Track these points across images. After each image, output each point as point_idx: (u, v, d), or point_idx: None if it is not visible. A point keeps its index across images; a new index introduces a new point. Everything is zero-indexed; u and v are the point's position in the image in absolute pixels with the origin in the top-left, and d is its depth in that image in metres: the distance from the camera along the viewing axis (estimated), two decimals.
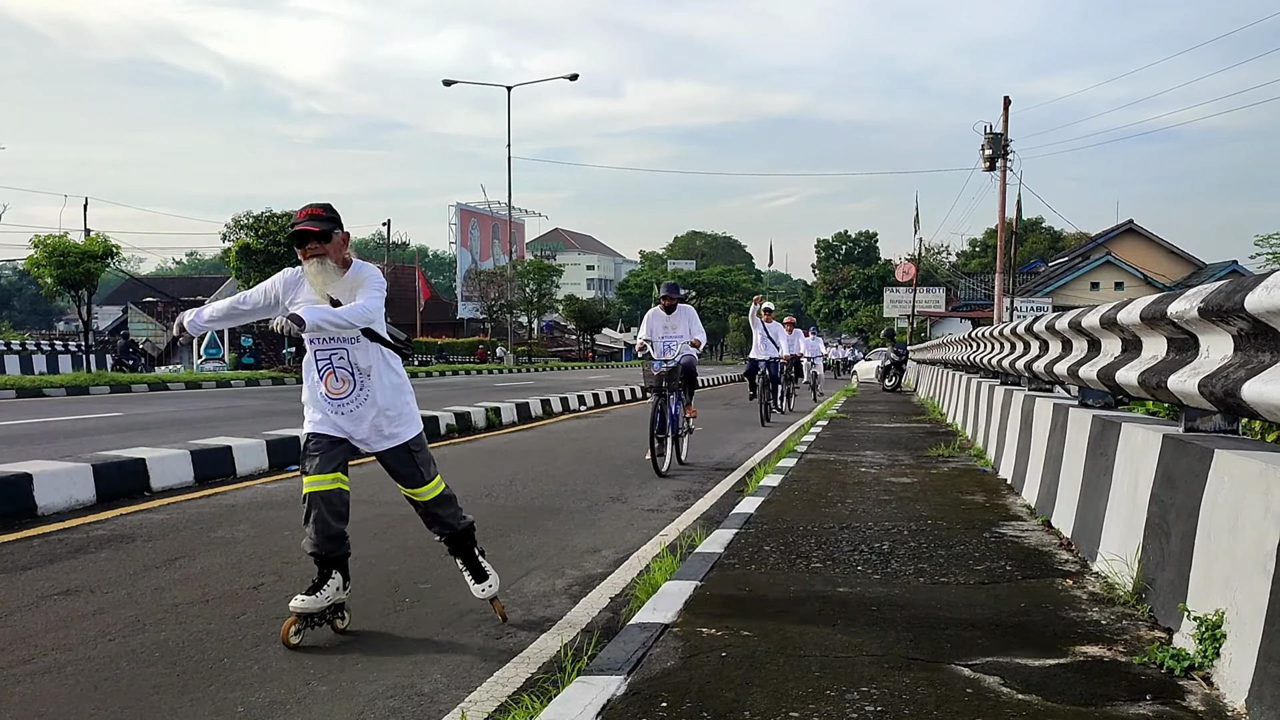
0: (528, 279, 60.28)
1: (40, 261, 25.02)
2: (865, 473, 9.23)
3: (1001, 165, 32.74)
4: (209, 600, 4.88)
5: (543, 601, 5.02)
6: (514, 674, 3.87)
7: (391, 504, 7.76)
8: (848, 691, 3.29)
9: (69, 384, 22.44)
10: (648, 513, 7.70)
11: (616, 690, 3.28)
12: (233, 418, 14.97)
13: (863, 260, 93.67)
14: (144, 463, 8.16)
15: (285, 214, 34.48)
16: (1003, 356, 10.04)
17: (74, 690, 3.62)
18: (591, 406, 20.42)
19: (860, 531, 6.24)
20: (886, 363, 30.64)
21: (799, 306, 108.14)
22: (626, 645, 3.78)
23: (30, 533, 6.43)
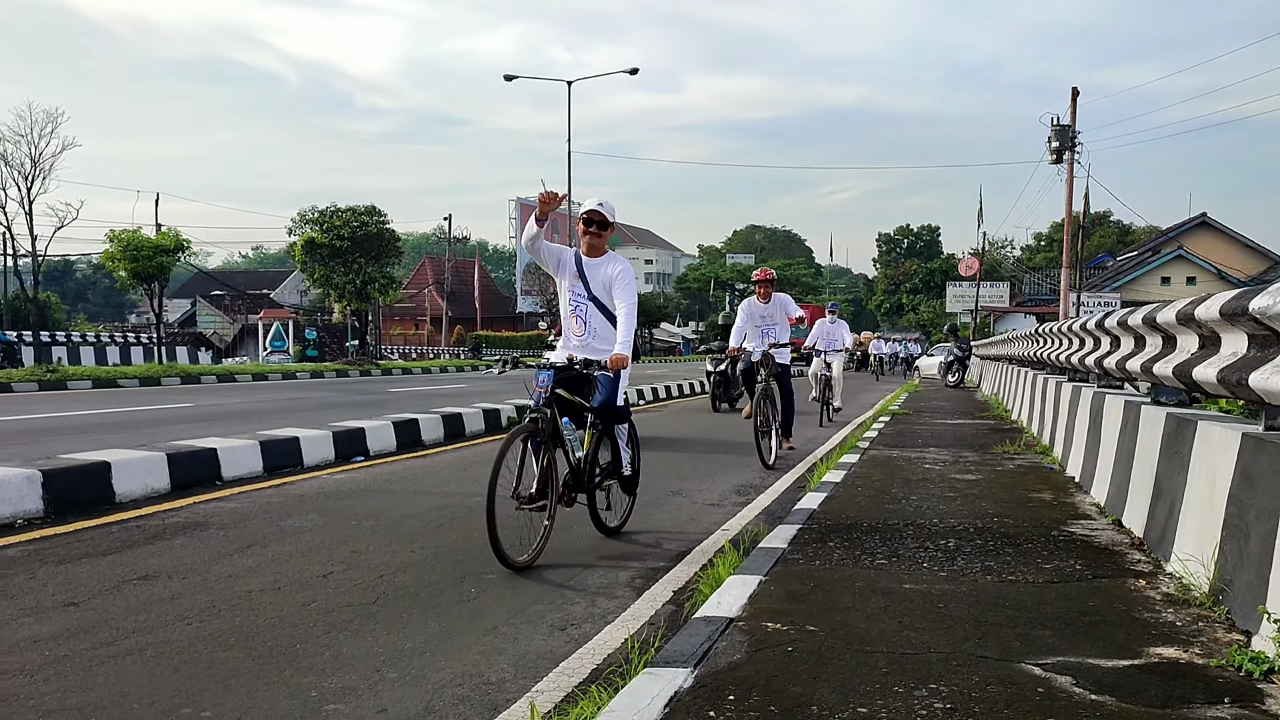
0: None
1: (115, 255, 25.64)
2: (929, 469, 9.13)
3: (1069, 157, 32.13)
4: (280, 588, 4.98)
5: (606, 593, 5.04)
6: (579, 665, 3.89)
7: (455, 495, 7.87)
8: (916, 688, 3.26)
9: (142, 375, 23.01)
10: (709, 507, 7.70)
11: (683, 683, 3.29)
12: (298, 409, 15.24)
13: (925, 254, 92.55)
14: (215, 453, 8.35)
15: (349, 209, 34.96)
16: (1071, 352, 9.87)
17: (155, 672, 3.73)
18: (650, 401, 20.44)
19: (925, 528, 6.18)
20: (949, 358, 30.29)
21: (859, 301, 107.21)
22: (692, 638, 3.79)
23: (109, 519, 6.61)
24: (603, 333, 6.08)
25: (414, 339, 65.40)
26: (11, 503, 6.40)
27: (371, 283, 34.76)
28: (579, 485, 5.88)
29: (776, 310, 10.63)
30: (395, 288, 37.80)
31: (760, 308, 10.61)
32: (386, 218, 35.60)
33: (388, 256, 35.81)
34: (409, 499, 7.71)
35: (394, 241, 36.09)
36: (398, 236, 36.63)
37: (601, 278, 6.02)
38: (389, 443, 10.72)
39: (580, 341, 6.11)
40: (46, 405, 15.64)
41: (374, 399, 17.91)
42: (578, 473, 5.81)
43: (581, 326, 6.12)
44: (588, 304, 6.08)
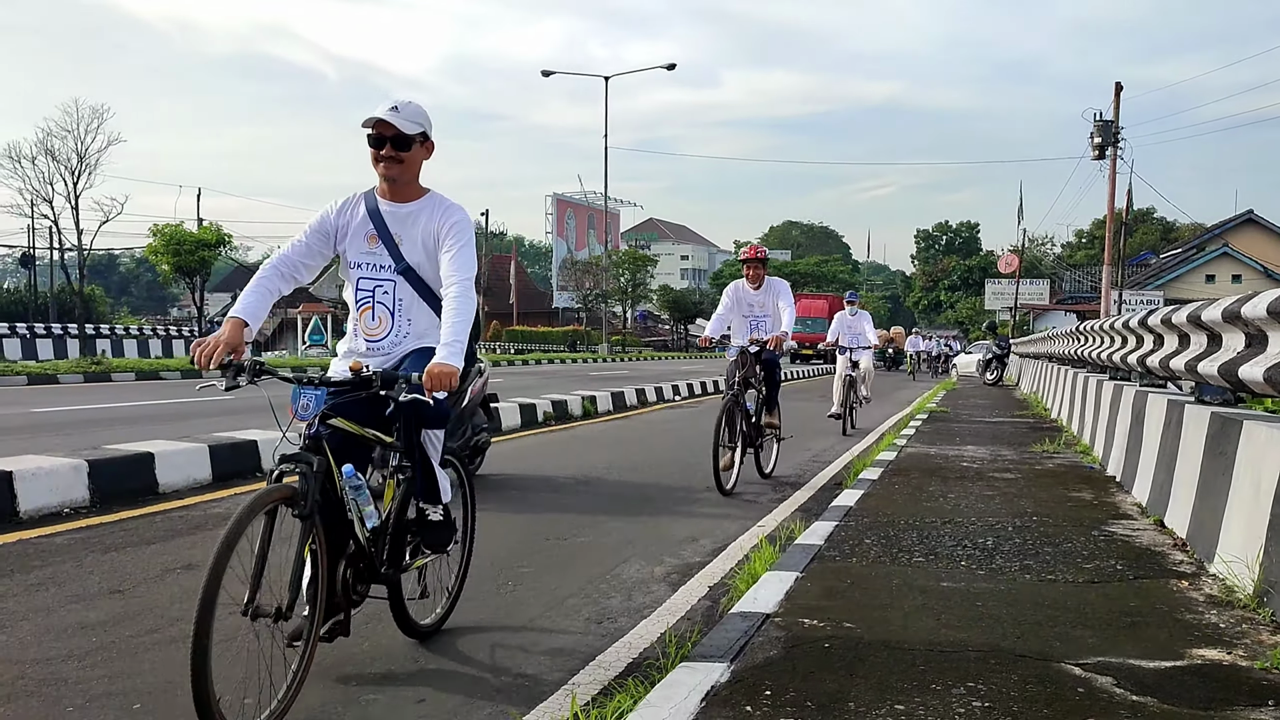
0: (622, 269, 60.59)
1: (158, 249, 26.05)
2: (967, 467, 9.07)
3: (1111, 153, 31.73)
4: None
5: (641, 588, 5.06)
6: (615, 658, 3.91)
7: (492, 488, 7.91)
8: (954, 686, 3.25)
9: (184, 368, 23.32)
10: (745, 503, 7.69)
11: (720, 677, 3.29)
12: None
13: (963, 251, 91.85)
14: (256, 445, 8.45)
15: None
16: (1112, 350, 9.75)
17: None
18: (686, 396, 20.43)
19: (963, 526, 6.13)
20: (988, 356, 30.04)
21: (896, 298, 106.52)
22: (728, 633, 3.80)
23: (153, 509, 6.71)
24: (421, 326, 3.78)
25: None
26: (59, 492, 6.51)
27: None
28: (372, 573, 3.68)
29: (769, 298, 8.75)
30: None
31: (749, 293, 8.80)
32: None
33: None
34: None
35: None
36: None
37: (419, 233, 3.73)
38: None
39: (375, 344, 3.80)
40: (92, 396, 15.90)
41: None
42: (367, 553, 3.61)
43: (380, 318, 3.79)
44: (395, 280, 3.77)
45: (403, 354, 3.77)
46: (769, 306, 8.71)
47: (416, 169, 3.79)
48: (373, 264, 3.78)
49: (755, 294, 8.77)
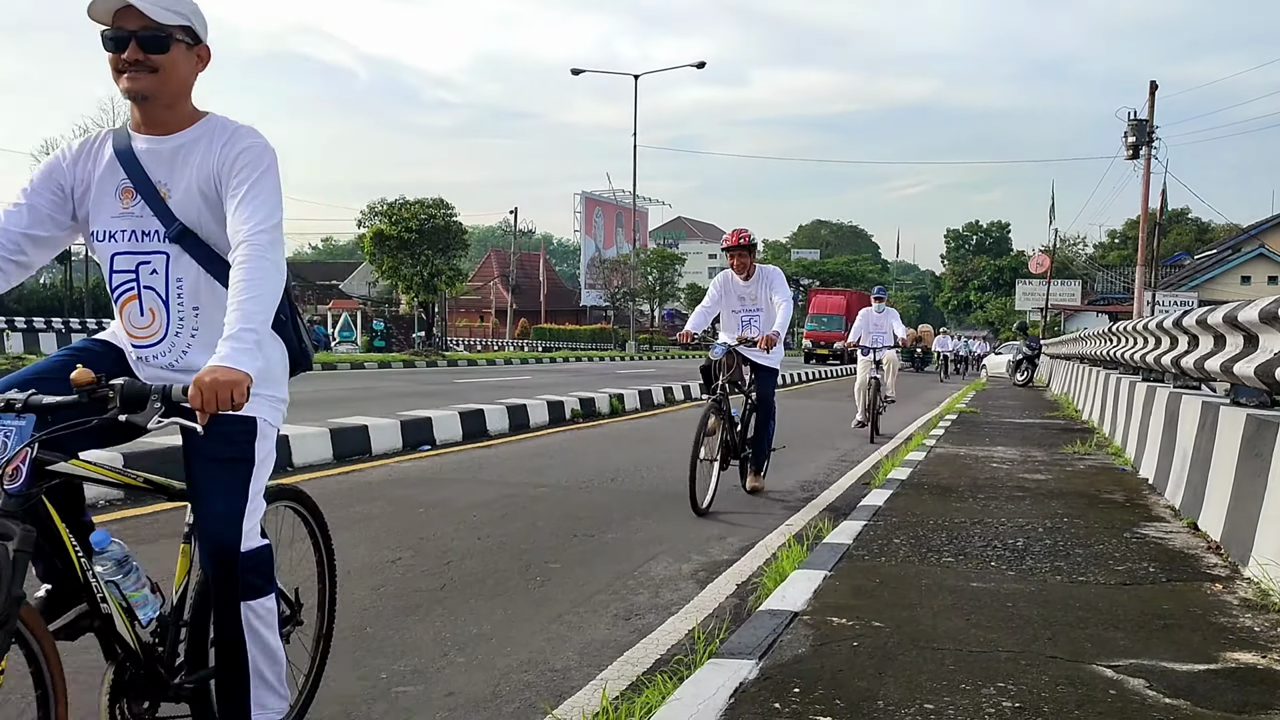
0: (650, 267, 60.60)
1: None
2: (997, 468, 9.01)
3: (1146, 153, 31.39)
4: (350, 572, 5.07)
5: (669, 585, 5.06)
6: (643, 654, 3.92)
7: (520, 485, 7.95)
8: (984, 686, 3.23)
9: None
10: (772, 502, 7.68)
11: (748, 674, 3.29)
12: (367, 398, 15.48)
13: (994, 251, 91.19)
14: (287, 439, 8.52)
15: (417, 201, 35.42)
16: (1146, 351, 9.66)
17: None
18: None
19: (993, 527, 6.10)
20: (1018, 357, 29.82)
21: (926, 298, 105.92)
22: (757, 631, 3.80)
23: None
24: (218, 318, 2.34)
25: (479, 331, 66.04)
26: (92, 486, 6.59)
27: (439, 275, 35.20)
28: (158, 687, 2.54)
29: (760, 290, 7.67)
30: (462, 280, 38.24)
31: (738, 284, 7.72)
32: (454, 210, 36.03)
33: (455, 249, 36.24)
34: (475, 488, 7.80)
35: (461, 234, 36.51)
36: (465, 229, 37.05)
37: (194, 177, 2.50)
38: (455, 433, 10.85)
39: (147, 349, 2.62)
40: None
41: (440, 389, 18.13)
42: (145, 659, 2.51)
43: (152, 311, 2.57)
44: (166, 252, 2.52)
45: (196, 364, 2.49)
46: (761, 299, 7.61)
47: (181, 83, 2.50)
48: (132, 231, 2.51)
49: (744, 285, 7.64)
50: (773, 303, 7.58)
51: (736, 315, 7.73)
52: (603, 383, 20.44)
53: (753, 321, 7.63)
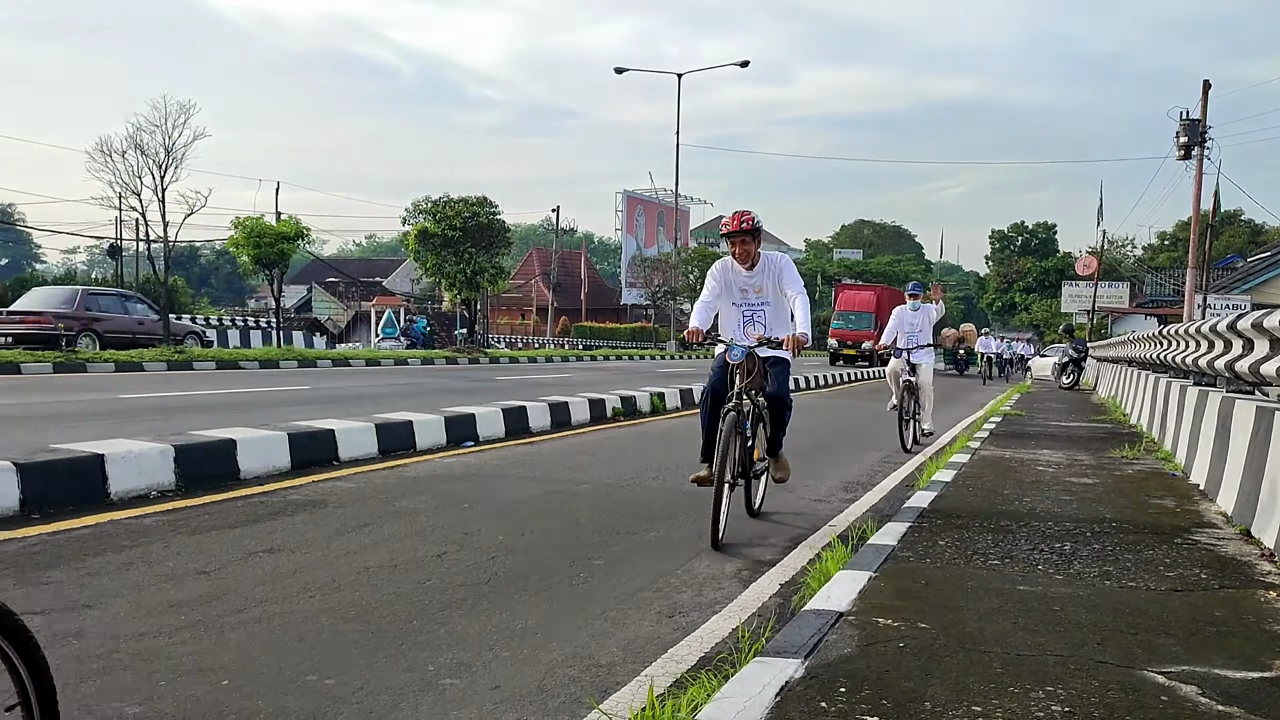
0: (691, 266, 60.45)
1: (239, 241, 26.62)
2: (1043, 471, 8.91)
3: (1198, 153, 30.87)
4: (396, 565, 5.13)
5: (713, 584, 5.07)
6: (687, 651, 3.93)
7: (562, 481, 7.99)
8: (1032, 690, 3.20)
9: (261, 358, 23.86)
10: (815, 502, 7.66)
11: (794, 673, 3.29)
12: (411, 394, 15.62)
13: (1040, 252, 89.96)
14: (333, 434, 8.62)
15: (461, 199, 35.61)
16: (1198, 355, 9.51)
17: (282, 640, 3.89)
18: None
19: (1039, 530, 6.04)
20: (1064, 359, 29.49)
21: (970, 299, 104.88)
22: (802, 630, 3.79)
23: (235, 494, 6.89)
24: None
25: (520, 329, 66.35)
26: (147, 475, 6.72)
27: (481, 272, 35.34)
28: None
29: (766, 281, 6.59)
30: (504, 278, 38.39)
31: (740, 275, 6.61)
32: (497, 208, 36.16)
33: (498, 247, 36.37)
34: (518, 484, 7.85)
35: (504, 232, 36.64)
36: (508, 227, 37.19)
37: None
38: (498, 429, 10.92)
39: None
40: (175, 384, 16.35)
41: (482, 386, 18.24)
42: None
43: None
44: None
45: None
46: (768, 292, 6.59)
47: None
48: None
49: (747, 276, 6.58)
50: (786, 297, 6.54)
51: (738, 309, 6.65)
52: (643, 381, 20.46)
53: (756, 317, 6.63)
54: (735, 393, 6.20)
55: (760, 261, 6.56)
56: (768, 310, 6.62)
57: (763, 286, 6.60)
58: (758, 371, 6.32)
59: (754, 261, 6.55)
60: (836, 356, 43.17)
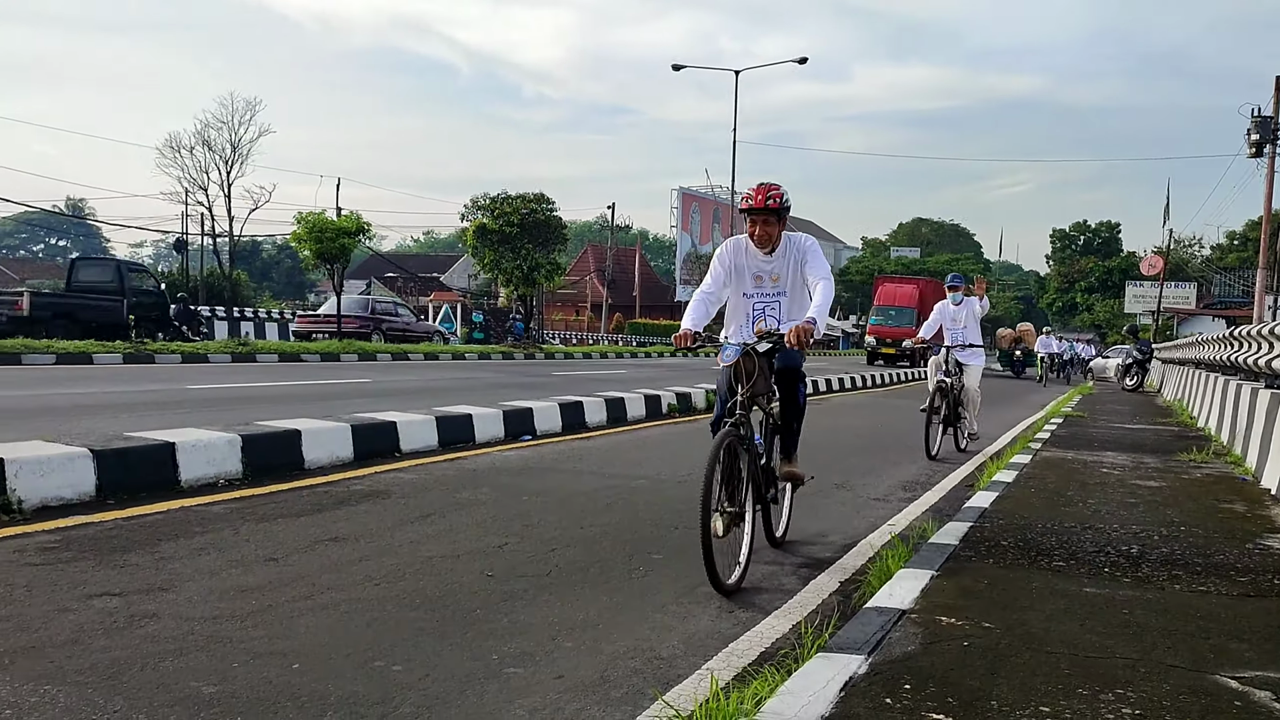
0: None
1: (302, 236, 27.06)
2: (1107, 474, 8.77)
3: (1270, 151, 30.11)
4: (459, 555, 5.20)
5: (771, 580, 5.07)
6: (748, 646, 3.94)
7: (619, 476, 8.02)
8: (1101, 692, 3.16)
9: (323, 350, 24.23)
10: (874, 501, 7.61)
11: (858, 669, 3.28)
12: (469, 388, 15.77)
13: (1102, 252, 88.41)
14: (395, 426, 8.74)
15: (519, 196, 35.85)
16: (1271, 357, 9.28)
17: (349, 626, 3.96)
18: (809, 394, 20.22)
19: (1105, 533, 5.95)
20: (1128, 361, 28.95)
21: (1029, 298, 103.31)
22: (865, 627, 3.78)
23: (300, 484, 7.02)
24: None
25: (574, 325, 66.61)
26: (216, 464, 6.87)
27: (537, 269, 35.55)
28: None
29: (786, 267, 5.46)
30: (559, 274, 38.59)
31: (756, 259, 5.48)
32: (554, 205, 36.36)
33: (554, 243, 36.57)
34: (576, 478, 7.90)
35: (560, 229, 36.83)
36: (564, 224, 37.37)
37: None
38: (555, 424, 10.99)
39: None
40: (239, 375, 16.68)
41: (538, 381, 18.36)
42: None
43: None
44: None
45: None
46: (786, 281, 5.45)
47: None
48: None
49: (765, 260, 5.44)
50: (806, 283, 5.38)
51: (749, 301, 5.51)
52: (698, 378, 20.44)
53: (769, 311, 5.47)
54: (734, 403, 5.03)
55: (782, 244, 5.41)
56: (784, 302, 5.46)
57: (781, 273, 5.45)
58: (760, 373, 5.06)
59: (775, 244, 5.40)
60: (875, 355, 40.18)
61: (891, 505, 7.46)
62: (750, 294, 5.53)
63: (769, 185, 5.26)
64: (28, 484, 5.72)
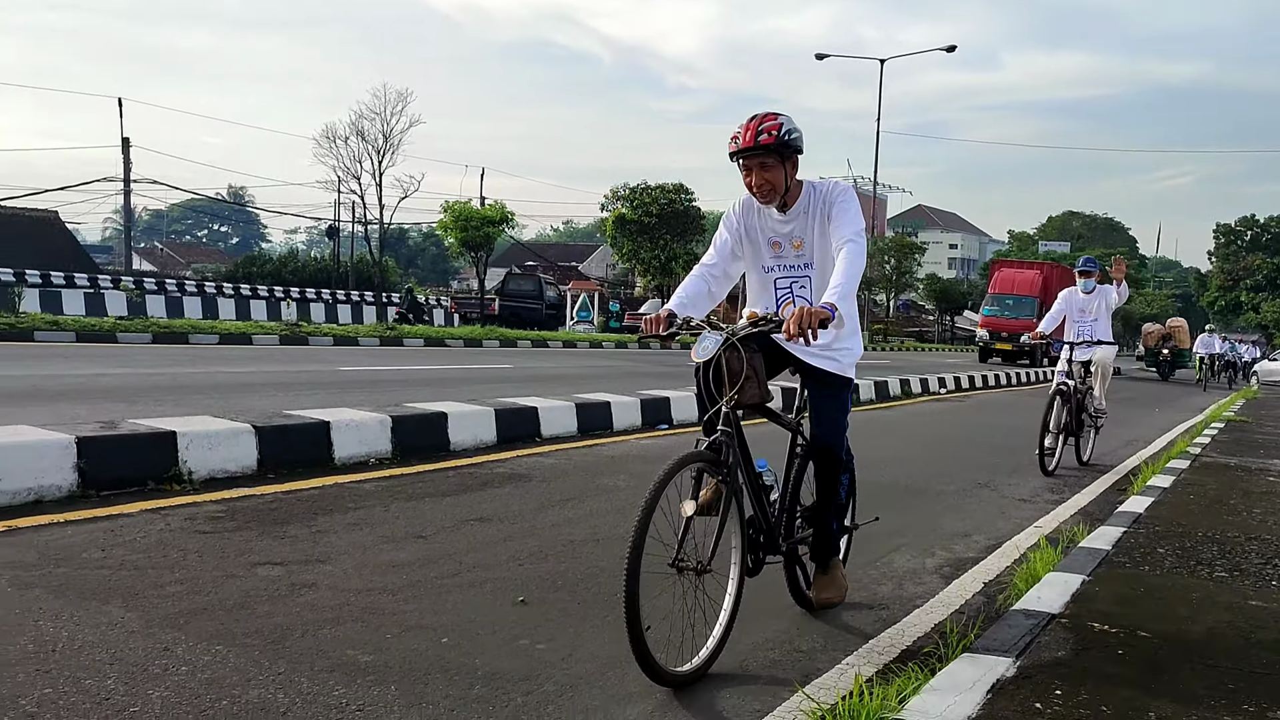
0: (888, 256, 59.09)
1: (448, 224, 27.86)
2: (1275, 482, 8.29)
3: None
4: (599, 540, 5.28)
5: (913, 578, 4.98)
6: (889, 643, 3.88)
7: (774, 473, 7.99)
8: (1270, 710, 3.01)
9: (466, 336, 24.90)
10: (1020, 502, 7.39)
11: (1005, 671, 3.21)
12: (605, 376, 15.95)
13: (1271, 249, 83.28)
14: (536, 411, 8.92)
15: (658, 186, 36.05)
16: None
17: (495, 604, 4.08)
18: (951, 390, 19.76)
19: (1271, 544, 5.63)
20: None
21: (1189, 296, 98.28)
22: (1012, 629, 3.69)
23: (445, 465, 7.24)
24: None
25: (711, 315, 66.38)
26: (367, 443, 7.15)
27: (675, 259, 35.71)
28: None
29: (810, 226, 3.92)
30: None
31: (772, 220, 3.97)
32: (693, 195, 36.43)
33: (692, 234, 36.66)
34: None
35: (699, 219, 36.89)
36: (702, 214, 37.41)
37: None
38: (692, 413, 11.01)
39: None
40: (387, 359, 17.28)
41: (675, 370, 18.43)
42: None
43: None
44: None
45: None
46: (811, 247, 3.93)
47: None
48: None
49: (782, 222, 3.94)
50: (838, 244, 3.75)
51: (769, 277, 4.06)
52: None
53: (796, 290, 4.01)
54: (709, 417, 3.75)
55: (801, 197, 3.89)
56: (813, 278, 3.95)
57: (803, 237, 3.92)
58: (751, 373, 3.66)
59: (791, 199, 3.88)
60: (988, 352, 34.63)
61: (1038, 506, 7.23)
62: (770, 267, 4.05)
63: (764, 115, 3.75)
64: (197, 456, 6.07)
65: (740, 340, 3.68)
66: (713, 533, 3.60)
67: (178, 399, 9.21)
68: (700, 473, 3.58)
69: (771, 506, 3.96)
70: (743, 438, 3.81)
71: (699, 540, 3.58)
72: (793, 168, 3.82)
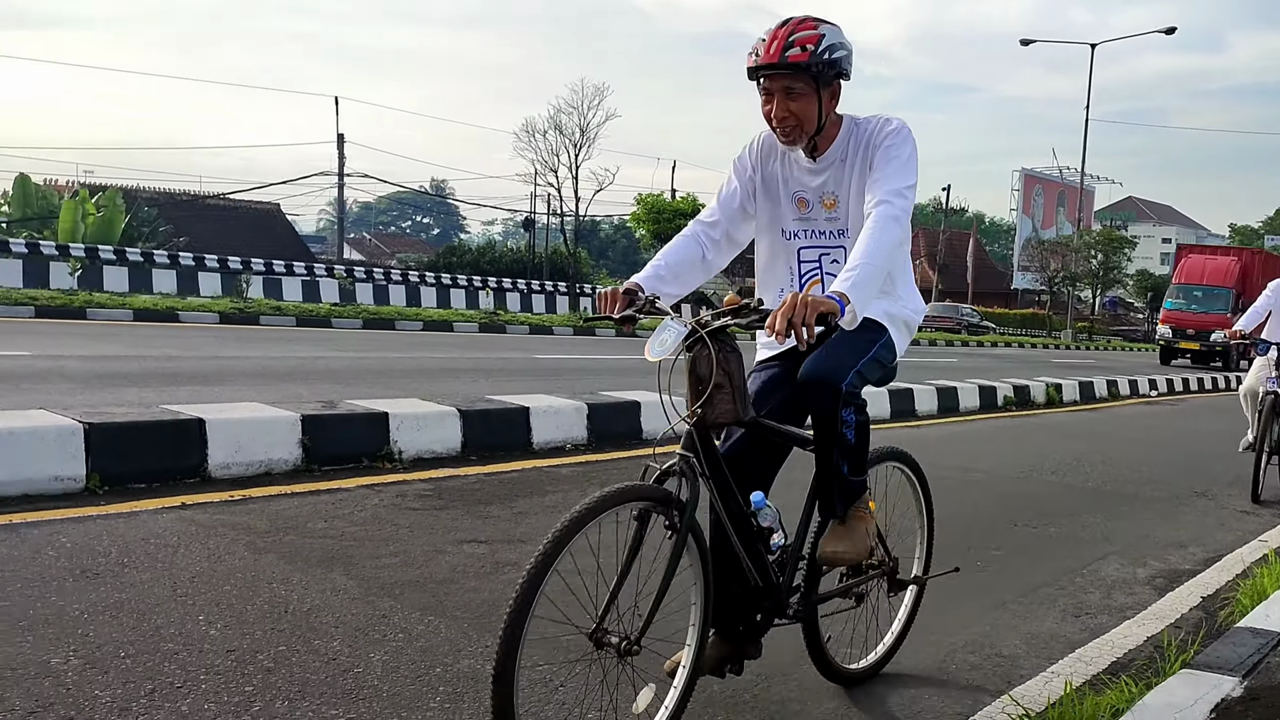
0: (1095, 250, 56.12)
1: (640, 217, 28.30)
2: None
3: None
4: None
5: (1122, 588, 4.75)
6: (1097, 654, 3.72)
7: (954, 468, 7.81)
8: None
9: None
10: (1241, 514, 6.92)
11: (1230, 691, 3.02)
12: None
13: None
14: None
15: None
16: None
17: None
18: (1164, 392, 18.63)
19: None
20: None
21: None
22: (1237, 647, 3.46)
23: (638, 452, 7.32)
24: None
25: None
26: (564, 429, 7.37)
27: None
28: None
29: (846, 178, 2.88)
30: None
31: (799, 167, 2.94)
32: None
33: None
34: None
35: None
36: None
37: None
38: (883, 410, 10.80)
39: None
40: (580, 348, 17.73)
41: None
42: None
43: None
44: None
45: None
46: (848, 207, 2.92)
47: None
48: None
49: (809, 169, 2.94)
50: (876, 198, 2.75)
51: (791, 246, 3.05)
52: (1036, 370, 19.36)
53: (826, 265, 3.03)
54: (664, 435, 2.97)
55: (839, 138, 2.91)
56: (849, 251, 2.85)
57: (840, 195, 2.93)
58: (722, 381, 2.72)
59: (821, 140, 2.89)
60: (1171, 352, 29.60)
61: (1263, 519, 6.75)
62: (793, 232, 3.03)
63: (799, 20, 2.86)
64: (407, 437, 6.41)
65: (713, 335, 2.66)
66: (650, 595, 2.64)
67: (387, 382, 9.74)
68: (645, 514, 2.67)
69: (775, 553, 2.92)
70: (717, 463, 2.83)
71: None
72: (831, 98, 2.84)
